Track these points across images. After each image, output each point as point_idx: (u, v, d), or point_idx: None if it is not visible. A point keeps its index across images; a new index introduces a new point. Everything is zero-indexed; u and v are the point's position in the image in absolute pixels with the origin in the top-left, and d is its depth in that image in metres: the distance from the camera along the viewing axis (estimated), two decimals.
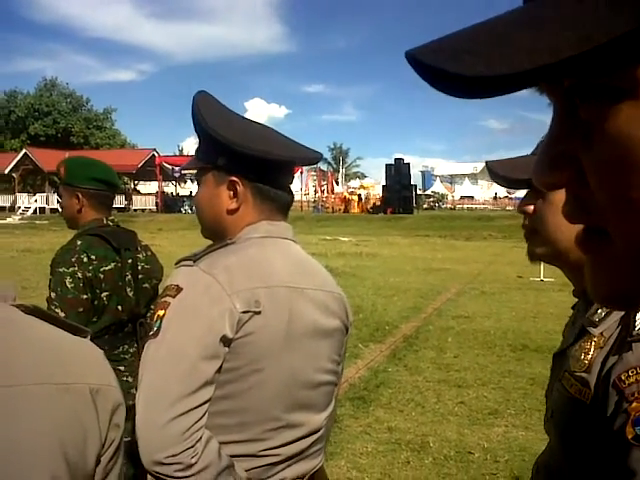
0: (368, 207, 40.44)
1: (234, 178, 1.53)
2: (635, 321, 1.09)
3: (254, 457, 1.44)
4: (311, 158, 1.63)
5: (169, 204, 40.38)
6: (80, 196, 2.76)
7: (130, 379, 2.64)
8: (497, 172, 1.36)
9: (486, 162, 1.41)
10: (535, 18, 0.33)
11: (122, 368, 2.70)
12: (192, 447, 1.31)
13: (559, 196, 1.15)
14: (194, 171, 1.67)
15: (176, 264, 1.47)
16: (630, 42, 0.31)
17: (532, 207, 1.32)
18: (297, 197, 44.76)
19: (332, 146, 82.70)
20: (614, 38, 0.30)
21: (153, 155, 42.87)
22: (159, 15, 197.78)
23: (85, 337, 1.12)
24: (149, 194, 44.89)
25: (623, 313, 1.14)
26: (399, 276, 13.61)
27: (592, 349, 1.15)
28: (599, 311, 1.19)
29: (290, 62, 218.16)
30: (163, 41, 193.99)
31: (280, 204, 1.59)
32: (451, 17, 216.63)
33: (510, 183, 1.36)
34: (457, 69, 0.33)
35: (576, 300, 1.37)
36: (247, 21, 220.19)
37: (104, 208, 2.82)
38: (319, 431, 1.58)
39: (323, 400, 1.59)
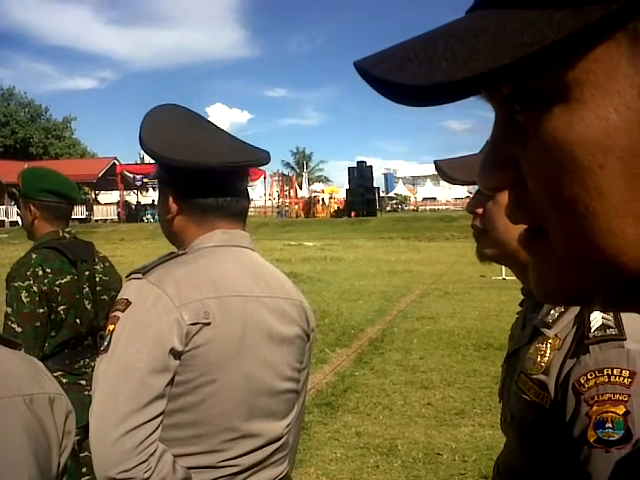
0: (332, 211, 40.50)
1: (168, 190, 1.56)
2: (590, 322, 1.10)
3: (213, 468, 1.43)
4: (254, 160, 1.59)
5: (131, 213, 39.88)
6: (32, 208, 2.71)
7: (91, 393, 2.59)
8: (445, 172, 1.37)
9: (434, 162, 1.41)
10: (473, 29, 0.35)
11: (83, 382, 2.67)
12: (145, 462, 1.30)
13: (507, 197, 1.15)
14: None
15: (127, 277, 1.46)
16: (555, 50, 0.33)
17: (481, 209, 1.32)
18: (261, 203, 44.75)
19: (295, 150, 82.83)
20: (542, 47, 0.33)
21: (114, 164, 42.31)
22: (119, 21, 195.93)
23: (20, 349, 1.12)
24: (110, 204, 44.24)
25: (576, 313, 1.15)
26: (364, 279, 13.64)
27: (548, 351, 1.15)
28: (552, 312, 1.20)
29: (252, 67, 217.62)
30: (123, 48, 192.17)
31: (230, 212, 1.57)
32: (412, 19, 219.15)
33: (459, 183, 1.36)
34: (399, 79, 0.35)
35: (522, 298, 1.39)
36: (208, 26, 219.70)
37: (59, 220, 2.76)
38: (280, 439, 1.57)
39: (284, 408, 1.58)
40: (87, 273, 2.74)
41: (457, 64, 0.34)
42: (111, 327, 1.37)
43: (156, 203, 1.72)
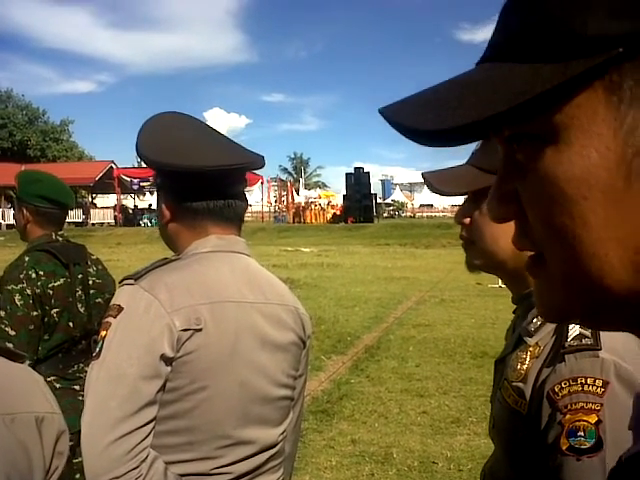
0: (329, 217, 40.54)
1: (162, 195, 1.57)
2: (568, 332, 1.11)
3: (206, 476, 1.42)
4: (248, 163, 1.58)
5: (128, 217, 39.91)
6: (25, 211, 2.72)
7: None
8: (432, 184, 1.37)
9: (422, 174, 1.41)
10: (478, 81, 0.42)
11: (77, 387, 2.65)
12: (136, 468, 1.30)
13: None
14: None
15: (120, 282, 1.46)
16: (543, 99, 0.39)
17: (468, 219, 1.33)
18: (258, 208, 44.77)
19: (292, 155, 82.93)
20: (532, 97, 0.39)
21: (111, 167, 42.25)
22: (117, 25, 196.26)
23: (22, 362, 1.09)
24: (107, 207, 44.21)
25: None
26: (360, 286, 13.64)
27: (528, 359, 1.17)
28: (534, 320, 1.22)
29: (250, 71, 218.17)
30: (121, 51, 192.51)
31: (223, 216, 1.56)
32: (411, 25, 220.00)
33: (445, 194, 1.36)
34: (411, 124, 0.42)
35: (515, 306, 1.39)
36: (207, 31, 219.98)
37: (52, 224, 2.75)
38: (275, 446, 1.56)
39: (278, 415, 1.57)
40: (80, 276, 2.73)
41: (462, 112, 0.40)
42: (103, 333, 1.37)
43: (155, 208, 1.72)
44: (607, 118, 0.39)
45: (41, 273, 2.57)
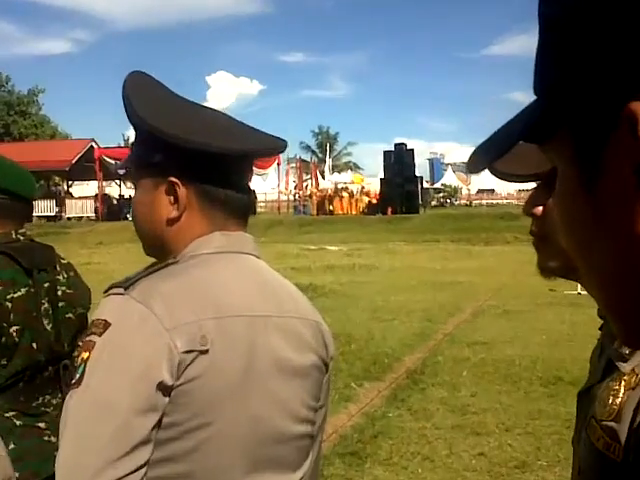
0: (363, 206, 40.55)
1: (173, 179, 1.53)
2: None
3: None
4: (271, 149, 1.62)
5: (112, 210, 40.21)
6: None
7: (53, 438, 2.58)
8: (494, 165, 1.34)
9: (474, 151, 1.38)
10: (513, 120, 0.60)
11: (42, 425, 2.65)
12: None
13: None
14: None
15: (105, 292, 1.45)
16: (536, 130, 0.56)
17: (541, 208, 1.30)
18: (274, 196, 44.87)
19: (316, 130, 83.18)
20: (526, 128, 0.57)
21: (91, 147, 42.70)
22: None
23: None
24: (87, 197, 44.58)
25: None
26: (401, 294, 13.67)
27: (622, 390, 1.14)
28: None
29: (264, 25, 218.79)
30: (104, 3, 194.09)
31: (234, 209, 1.58)
32: None
33: (508, 179, 1.33)
34: (471, 162, 0.66)
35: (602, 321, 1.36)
36: None
37: (10, 220, 2.74)
38: None
39: (296, 456, 1.57)
40: (46, 285, 2.73)
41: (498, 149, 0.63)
42: (85, 355, 1.36)
43: (134, 199, 1.69)
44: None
45: None
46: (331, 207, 40.86)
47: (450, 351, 8.92)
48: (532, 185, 1.35)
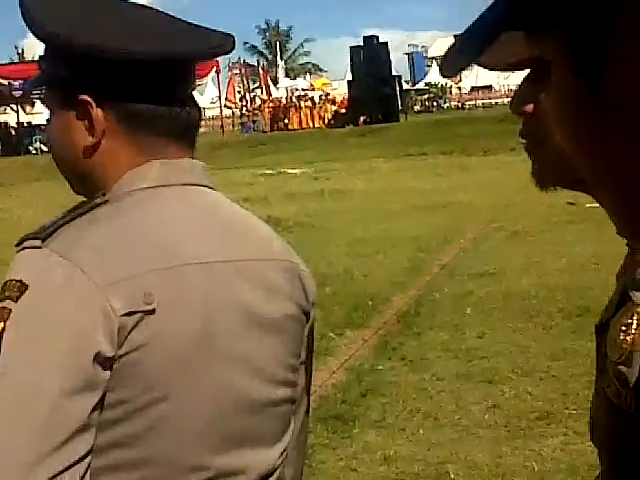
0: (328, 118, 40.47)
1: (84, 97, 1.52)
2: None
3: None
4: (214, 48, 1.60)
5: (9, 142, 39.91)
6: None
7: None
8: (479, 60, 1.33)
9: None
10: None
11: None
12: None
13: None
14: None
15: (17, 246, 1.44)
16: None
17: (531, 106, 1.29)
18: (215, 112, 44.56)
19: (263, 26, 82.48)
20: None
21: None
22: None
23: None
24: None
25: None
26: (384, 222, 13.77)
27: (634, 326, 1.11)
28: None
29: None
30: None
31: (173, 129, 1.57)
32: None
33: (499, 67, 1.33)
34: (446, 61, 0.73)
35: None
36: None
37: None
38: (272, 474, 1.58)
39: (275, 427, 1.59)
40: None
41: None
42: None
43: (47, 124, 1.68)
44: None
45: None
46: (287, 121, 40.77)
47: (449, 286, 9.04)
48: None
